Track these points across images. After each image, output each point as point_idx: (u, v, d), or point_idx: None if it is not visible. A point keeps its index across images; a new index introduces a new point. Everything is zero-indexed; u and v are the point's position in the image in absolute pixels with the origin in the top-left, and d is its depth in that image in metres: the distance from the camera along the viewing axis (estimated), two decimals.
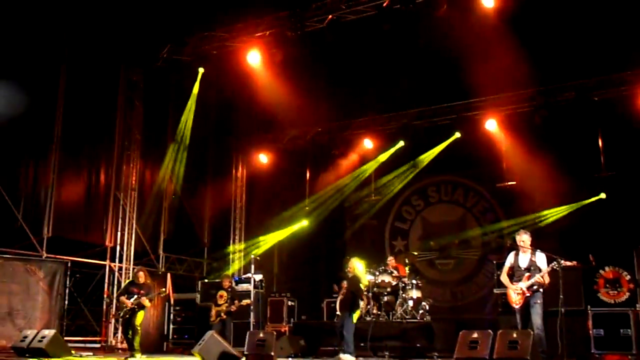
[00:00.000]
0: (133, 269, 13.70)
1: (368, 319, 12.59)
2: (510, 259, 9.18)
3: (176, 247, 16.14)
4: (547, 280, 8.80)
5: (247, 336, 9.74)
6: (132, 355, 10.85)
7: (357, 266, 11.25)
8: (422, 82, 14.61)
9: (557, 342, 9.00)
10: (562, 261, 8.77)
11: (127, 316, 11.06)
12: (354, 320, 10.77)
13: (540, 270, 8.78)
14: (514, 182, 14.72)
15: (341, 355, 10.62)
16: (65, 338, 11.74)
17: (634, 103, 13.23)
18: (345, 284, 11.30)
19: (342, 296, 11.24)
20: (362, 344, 11.50)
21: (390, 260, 13.69)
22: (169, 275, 15.01)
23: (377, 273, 13.06)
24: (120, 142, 14.76)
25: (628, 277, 11.05)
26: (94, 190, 14.28)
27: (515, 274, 9.02)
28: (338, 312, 11.38)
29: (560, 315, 8.69)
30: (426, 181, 16.81)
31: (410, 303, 12.53)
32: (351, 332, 10.71)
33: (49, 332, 10.42)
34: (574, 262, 11.56)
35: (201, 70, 14.42)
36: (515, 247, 9.19)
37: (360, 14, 12.61)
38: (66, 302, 13.04)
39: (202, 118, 15.74)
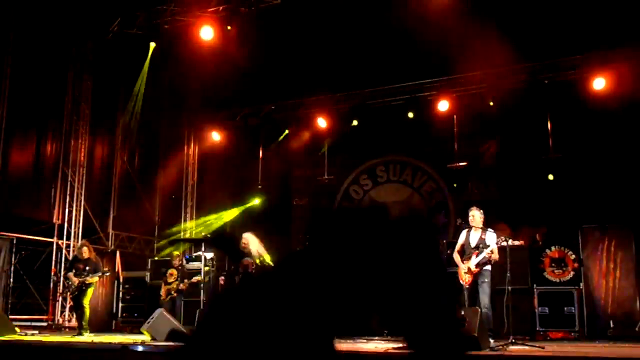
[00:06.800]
0: None
1: None
2: (462, 237, 9.37)
3: (126, 225, 15.91)
4: (496, 256, 9.01)
5: (197, 314, 9.70)
6: (80, 334, 10.70)
7: (252, 240, 10.76)
8: (377, 62, 14.62)
9: (503, 320, 9.21)
10: (510, 240, 9.01)
11: (77, 293, 10.89)
12: None
13: (488, 247, 9.00)
14: (465, 163, 14.87)
15: None
16: (11, 316, 11.51)
17: (582, 86, 13.52)
18: (248, 261, 10.43)
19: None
20: None
21: None
22: (118, 253, 14.79)
23: None
24: (68, 116, 14.43)
25: (573, 257, 11.34)
26: (42, 166, 13.95)
27: (465, 252, 9.21)
28: None
29: (507, 293, 8.89)
30: (375, 160, 16.82)
31: None
32: None
33: None
34: (521, 242, 11.88)
35: (152, 44, 14.15)
36: (467, 225, 9.36)
37: None
38: (11, 280, 12.75)
39: (153, 94, 15.47)
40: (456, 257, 9.34)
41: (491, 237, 9.07)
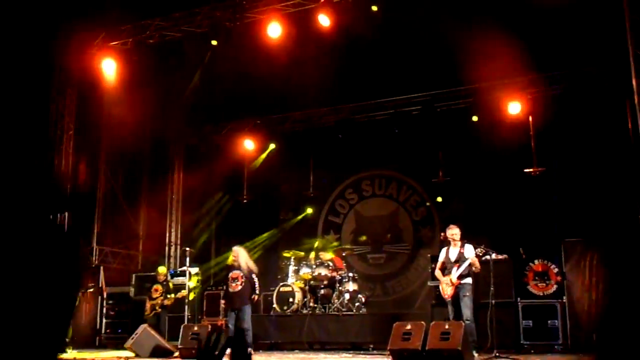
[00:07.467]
0: None
1: (305, 311, 12.65)
2: (442, 254, 9.54)
3: (110, 240, 15.81)
4: (477, 265, 9.14)
5: (181, 330, 9.65)
6: (63, 350, 10.60)
7: (243, 254, 10.67)
8: (361, 77, 14.68)
9: (487, 334, 9.24)
10: (494, 254, 9.10)
11: None
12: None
13: (468, 260, 9.16)
14: (448, 178, 14.94)
15: (252, 350, 10.51)
16: None
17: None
18: (236, 274, 10.45)
19: (241, 287, 10.36)
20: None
21: (322, 254, 13.66)
22: (102, 268, 14.69)
23: (315, 266, 13.10)
24: (52, 132, 14.35)
25: (556, 270, 11.41)
26: None
27: (446, 267, 9.33)
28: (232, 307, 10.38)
29: (490, 307, 8.94)
30: (361, 175, 16.91)
31: (347, 296, 12.62)
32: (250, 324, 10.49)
33: None
34: (505, 256, 11.93)
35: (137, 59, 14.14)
36: (447, 242, 9.49)
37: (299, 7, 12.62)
38: None
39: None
40: (437, 273, 9.59)
41: (469, 249, 9.28)
